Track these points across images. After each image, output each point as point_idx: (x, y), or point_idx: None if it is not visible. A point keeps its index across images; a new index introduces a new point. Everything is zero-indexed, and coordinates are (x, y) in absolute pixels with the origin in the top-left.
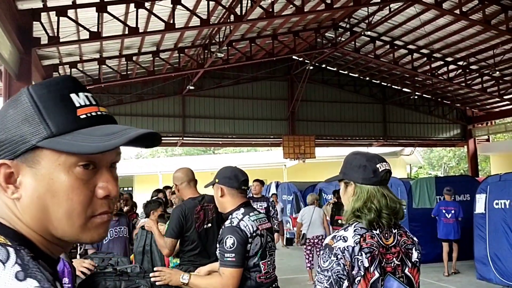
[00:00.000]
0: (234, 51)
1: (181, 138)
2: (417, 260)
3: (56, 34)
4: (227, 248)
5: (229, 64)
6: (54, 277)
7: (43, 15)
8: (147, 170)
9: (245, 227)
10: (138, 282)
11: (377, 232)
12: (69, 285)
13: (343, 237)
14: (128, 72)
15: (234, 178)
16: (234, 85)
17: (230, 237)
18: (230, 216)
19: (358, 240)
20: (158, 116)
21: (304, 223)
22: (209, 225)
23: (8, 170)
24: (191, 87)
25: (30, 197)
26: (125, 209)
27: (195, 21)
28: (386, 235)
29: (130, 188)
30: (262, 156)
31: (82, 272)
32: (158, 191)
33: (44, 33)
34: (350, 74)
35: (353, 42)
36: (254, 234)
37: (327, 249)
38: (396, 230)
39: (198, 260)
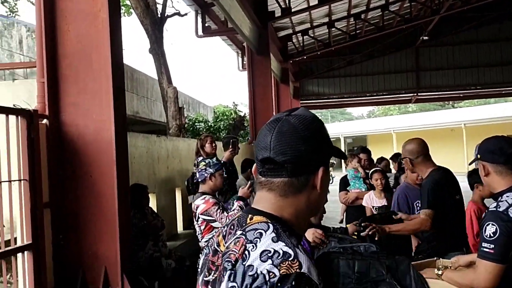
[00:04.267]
0: None
1: (415, 94)
2: None
3: (287, 5)
4: (486, 236)
5: (470, 5)
6: (297, 243)
7: None
8: (380, 128)
9: None
10: (372, 263)
11: None
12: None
13: None
14: (357, 32)
15: (499, 152)
16: (476, 28)
17: (493, 224)
18: (499, 198)
19: None
20: (390, 73)
21: None
22: (458, 196)
23: None
24: (425, 38)
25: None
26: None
27: None
28: None
29: None
30: None
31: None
32: (381, 159)
33: (277, 6)
34: None
35: None
36: None
37: None
38: None
39: (449, 236)
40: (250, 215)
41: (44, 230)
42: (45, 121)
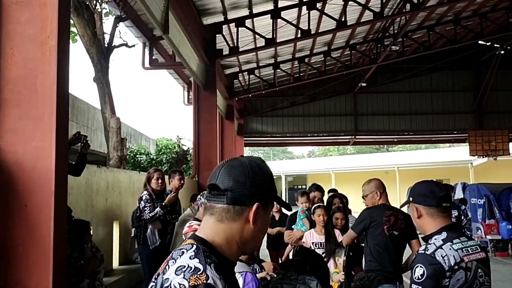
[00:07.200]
0: (410, 42)
1: (353, 137)
2: None
3: (235, 44)
4: (415, 278)
5: (405, 57)
6: (217, 263)
7: (224, 27)
8: (319, 168)
9: (443, 257)
10: (298, 286)
11: None
12: None
13: None
14: (301, 74)
15: (431, 195)
16: (410, 78)
17: (420, 267)
18: (428, 240)
19: None
20: (330, 116)
21: None
22: (397, 233)
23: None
24: (363, 84)
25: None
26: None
27: (368, 15)
28: None
29: (304, 186)
30: (443, 154)
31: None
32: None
33: (225, 44)
34: None
35: None
36: (456, 267)
37: None
38: None
39: (384, 268)
40: (185, 240)
41: None
42: None
